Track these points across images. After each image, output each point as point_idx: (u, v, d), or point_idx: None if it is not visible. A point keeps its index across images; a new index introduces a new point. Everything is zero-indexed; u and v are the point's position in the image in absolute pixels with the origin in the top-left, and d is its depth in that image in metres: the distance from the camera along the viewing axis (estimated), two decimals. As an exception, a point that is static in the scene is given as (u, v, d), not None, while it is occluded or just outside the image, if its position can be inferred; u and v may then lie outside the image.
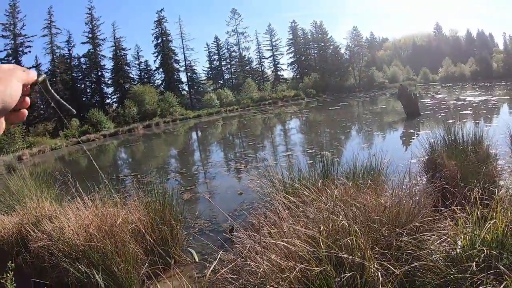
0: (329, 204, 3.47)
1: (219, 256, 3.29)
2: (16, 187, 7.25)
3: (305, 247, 2.93)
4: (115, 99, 66.87)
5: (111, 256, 4.32)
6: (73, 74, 63.20)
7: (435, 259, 2.92)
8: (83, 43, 64.57)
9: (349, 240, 2.94)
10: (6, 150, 33.03)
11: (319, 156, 8.79)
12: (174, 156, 21.29)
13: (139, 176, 13.49)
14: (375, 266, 2.80)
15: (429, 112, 20.78)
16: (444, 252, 3.00)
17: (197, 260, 5.45)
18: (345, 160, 6.23)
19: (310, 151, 13.71)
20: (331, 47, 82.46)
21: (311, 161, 10.10)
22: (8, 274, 3.24)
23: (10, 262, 3.44)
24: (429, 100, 29.16)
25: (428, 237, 3.17)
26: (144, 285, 4.59)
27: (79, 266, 4.12)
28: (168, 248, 5.37)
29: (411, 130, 15.62)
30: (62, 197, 6.39)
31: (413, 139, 13.09)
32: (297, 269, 2.75)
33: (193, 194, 9.74)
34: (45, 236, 4.84)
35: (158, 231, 5.34)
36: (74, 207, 5.23)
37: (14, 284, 3.26)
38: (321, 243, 2.93)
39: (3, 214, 6.29)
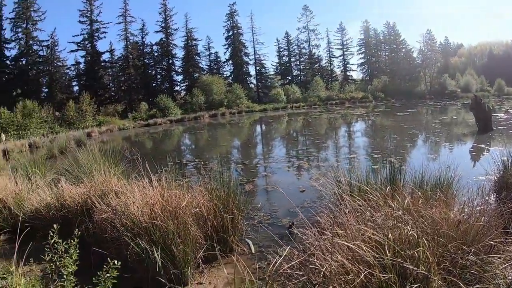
0: (398, 212, 3.39)
1: (286, 251, 3.26)
2: (85, 160, 7.59)
3: (370, 252, 2.89)
4: (183, 87, 69.14)
5: (172, 236, 4.44)
6: (145, 60, 65.96)
7: (497, 283, 2.83)
8: (156, 32, 67.49)
9: (415, 252, 2.87)
10: (77, 126, 35.19)
11: (385, 161, 8.43)
12: (238, 147, 21.48)
13: (202, 162, 13.70)
14: (440, 282, 2.73)
15: (502, 127, 19.42)
16: (507, 277, 2.91)
17: (253, 251, 5.39)
18: (412, 168, 5.89)
19: (375, 155, 13.32)
20: (403, 50, 79.59)
21: (375, 166, 9.75)
22: (72, 241, 3.29)
23: (76, 230, 3.50)
24: (502, 114, 27.23)
25: (494, 260, 3.05)
26: (199, 268, 4.71)
27: (140, 242, 4.29)
28: (227, 236, 5.45)
29: (482, 145, 14.71)
30: (129, 175, 6.54)
31: (484, 155, 12.47)
32: (363, 273, 2.72)
33: (255, 186, 9.76)
34: (109, 209, 5.02)
35: (220, 218, 5.42)
36: (141, 185, 5.37)
37: (78, 251, 3.30)
38: (388, 251, 2.87)
39: (71, 184, 6.53)
